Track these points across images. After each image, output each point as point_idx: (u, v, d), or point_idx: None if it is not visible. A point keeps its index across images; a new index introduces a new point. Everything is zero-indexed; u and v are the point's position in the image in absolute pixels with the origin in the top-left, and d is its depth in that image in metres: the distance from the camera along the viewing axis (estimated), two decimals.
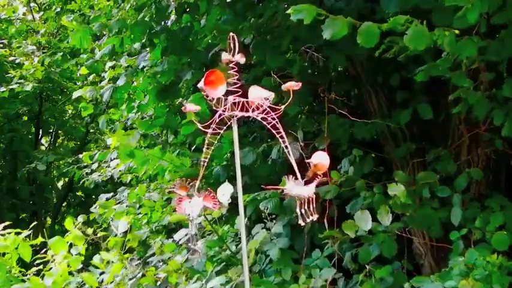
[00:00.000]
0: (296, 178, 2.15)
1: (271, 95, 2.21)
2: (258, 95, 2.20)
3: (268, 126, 2.22)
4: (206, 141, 2.16)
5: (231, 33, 2.23)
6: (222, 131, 2.17)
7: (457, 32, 2.54)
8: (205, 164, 2.18)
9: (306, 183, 2.17)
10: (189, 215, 2.10)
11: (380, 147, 4.25)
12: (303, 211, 2.14)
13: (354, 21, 2.45)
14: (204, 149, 2.15)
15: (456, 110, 3.33)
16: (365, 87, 4.22)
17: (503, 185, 3.96)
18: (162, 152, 4.78)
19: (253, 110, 2.20)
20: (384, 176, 3.96)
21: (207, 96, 2.14)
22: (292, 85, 2.25)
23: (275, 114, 2.21)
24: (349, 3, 3.83)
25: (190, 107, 2.18)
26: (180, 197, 2.11)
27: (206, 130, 2.16)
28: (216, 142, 2.17)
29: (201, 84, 2.11)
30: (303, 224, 2.14)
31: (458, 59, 2.83)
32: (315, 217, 2.15)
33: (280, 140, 2.22)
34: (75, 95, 5.17)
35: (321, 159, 2.18)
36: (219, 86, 2.12)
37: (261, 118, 2.21)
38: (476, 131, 3.67)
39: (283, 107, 2.24)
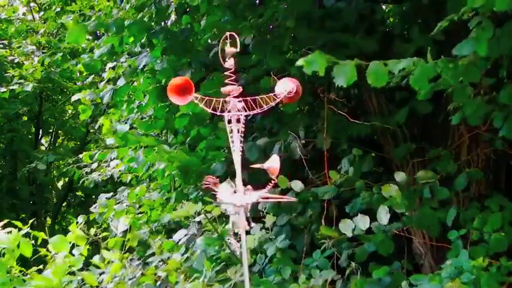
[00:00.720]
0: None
1: (294, 87, 2.25)
2: (284, 87, 2.23)
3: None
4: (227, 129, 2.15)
5: (228, 32, 2.24)
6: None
7: (460, 62, 2.55)
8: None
9: (259, 188, 2.16)
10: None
11: (380, 147, 4.25)
12: (235, 219, 2.12)
13: (361, 63, 2.49)
14: (233, 148, 2.14)
15: (454, 120, 3.35)
16: (365, 86, 4.22)
17: (503, 185, 3.96)
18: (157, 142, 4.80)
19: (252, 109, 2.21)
20: (384, 176, 3.97)
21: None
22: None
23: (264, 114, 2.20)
24: (349, 4, 3.83)
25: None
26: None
27: (220, 114, 2.15)
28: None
29: (168, 89, 2.11)
30: (236, 231, 2.13)
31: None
32: (247, 227, 2.14)
33: (233, 142, 2.19)
34: (74, 98, 5.18)
35: (272, 163, 2.17)
36: (186, 95, 2.12)
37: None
38: (476, 131, 3.68)
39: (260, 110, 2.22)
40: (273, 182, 2.18)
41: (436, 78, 2.85)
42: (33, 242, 3.27)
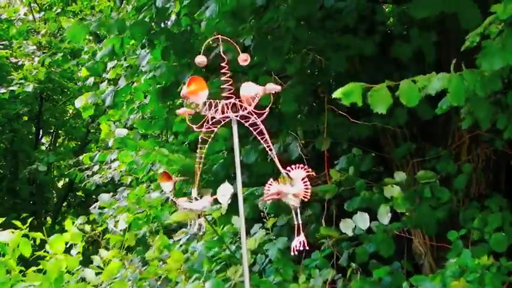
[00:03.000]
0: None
1: (259, 91, 2.17)
2: (248, 91, 2.18)
3: (251, 129, 2.20)
4: (200, 140, 2.17)
5: (220, 36, 2.24)
6: (215, 129, 2.18)
7: (485, 73, 2.49)
8: (201, 164, 2.18)
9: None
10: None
11: (380, 146, 4.25)
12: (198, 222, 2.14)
13: (391, 83, 2.49)
14: (198, 148, 2.16)
15: (465, 124, 3.31)
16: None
17: (503, 185, 3.96)
18: (157, 146, 4.81)
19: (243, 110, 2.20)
20: (384, 175, 3.96)
21: (191, 104, 2.16)
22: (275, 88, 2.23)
23: (259, 116, 2.19)
24: (350, 4, 3.83)
25: (184, 111, 2.20)
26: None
27: (199, 130, 2.17)
28: (209, 140, 2.18)
29: (183, 92, 2.12)
30: (200, 233, 2.16)
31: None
32: (201, 232, 2.17)
33: (263, 142, 2.18)
34: (76, 103, 5.19)
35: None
36: (200, 92, 2.13)
37: (241, 117, 2.18)
38: (477, 132, 3.68)
39: (267, 109, 2.20)
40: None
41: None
42: (32, 242, 3.27)
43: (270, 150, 2.16)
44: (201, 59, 2.20)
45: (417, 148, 3.97)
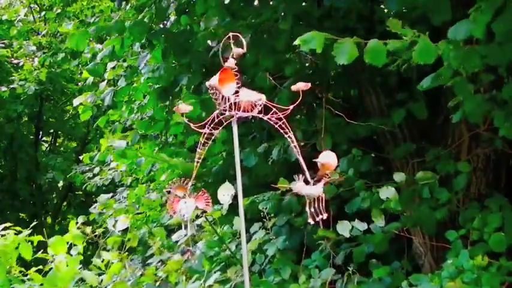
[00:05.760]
0: (305, 177, 2.16)
1: (261, 98, 2.20)
2: (248, 97, 2.19)
3: (277, 127, 2.22)
4: (201, 141, 2.17)
5: (231, 33, 2.23)
6: (216, 132, 2.17)
7: (461, 44, 2.53)
8: (199, 164, 2.17)
9: (314, 182, 2.17)
10: (183, 216, 2.09)
11: (380, 147, 4.25)
12: (312, 210, 2.15)
13: (360, 41, 2.45)
14: (198, 149, 2.16)
15: (455, 118, 3.33)
16: (365, 87, 4.22)
17: (503, 185, 3.96)
18: (156, 147, 4.81)
19: (252, 110, 2.21)
20: (384, 176, 3.96)
21: (214, 95, 2.15)
22: (301, 86, 2.24)
23: (283, 115, 2.20)
24: (349, 3, 3.83)
25: (182, 108, 2.19)
26: (174, 198, 2.11)
27: (200, 130, 2.16)
28: (210, 142, 2.17)
29: (214, 82, 2.11)
30: (312, 222, 2.15)
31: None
32: (325, 216, 2.18)
33: (289, 140, 2.21)
34: (75, 102, 5.20)
35: (328, 158, 2.19)
36: (228, 84, 2.13)
37: (267, 119, 2.19)
38: (476, 131, 3.67)
39: (291, 107, 2.23)
40: (327, 177, 2.20)
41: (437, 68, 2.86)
42: (31, 242, 3.27)
43: (295, 147, 2.20)
44: (230, 63, 2.19)
45: (417, 148, 3.96)
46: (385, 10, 4.06)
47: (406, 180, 3.53)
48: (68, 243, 3.41)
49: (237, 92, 2.19)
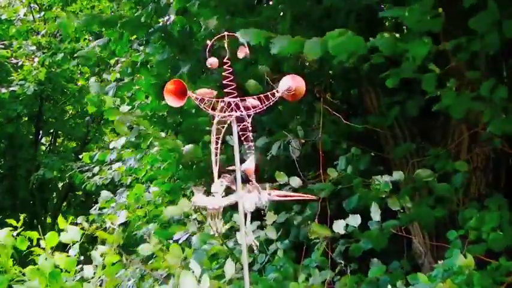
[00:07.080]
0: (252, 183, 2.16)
1: (294, 84, 2.26)
2: (286, 84, 2.25)
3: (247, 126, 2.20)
4: (213, 139, 2.14)
5: (225, 32, 2.23)
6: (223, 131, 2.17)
7: (397, 35, 2.90)
8: (217, 148, 2.15)
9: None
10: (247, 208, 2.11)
11: (380, 146, 4.25)
12: (212, 223, 2.10)
13: (299, 39, 2.92)
14: (212, 149, 2.14)
15: (435, 108, 3.39)
16: (364, 86, 4.23)
17: (503, 185, 3.96)
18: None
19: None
20: (384, 175, 3.96)
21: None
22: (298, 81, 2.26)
23: (253, 111, 2.19)
24: (348, 3, 3.83)
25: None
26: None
27: (213, 113, 2.13)
28: (220, 142, 2.16)
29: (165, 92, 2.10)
30: (216, 234, 2.13)
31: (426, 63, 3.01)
32: (223, 229, 2.17)
33: (245, 142, 2.21)
34: (79, 53, 5.26)
35: (248, 165, 2.20)
36: (180, 98, 2.11)
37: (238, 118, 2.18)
38: (476, 130, 3.68)
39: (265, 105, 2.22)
40: (250, 183, 2.18)
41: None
42: (29, 243, 3.27)
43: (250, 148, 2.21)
44: (212, 61, 2.19)
45: (417, 148, 3.97)
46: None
47: (404, 179, 3.54)
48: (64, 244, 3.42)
49: (232, 93, 2.19)
